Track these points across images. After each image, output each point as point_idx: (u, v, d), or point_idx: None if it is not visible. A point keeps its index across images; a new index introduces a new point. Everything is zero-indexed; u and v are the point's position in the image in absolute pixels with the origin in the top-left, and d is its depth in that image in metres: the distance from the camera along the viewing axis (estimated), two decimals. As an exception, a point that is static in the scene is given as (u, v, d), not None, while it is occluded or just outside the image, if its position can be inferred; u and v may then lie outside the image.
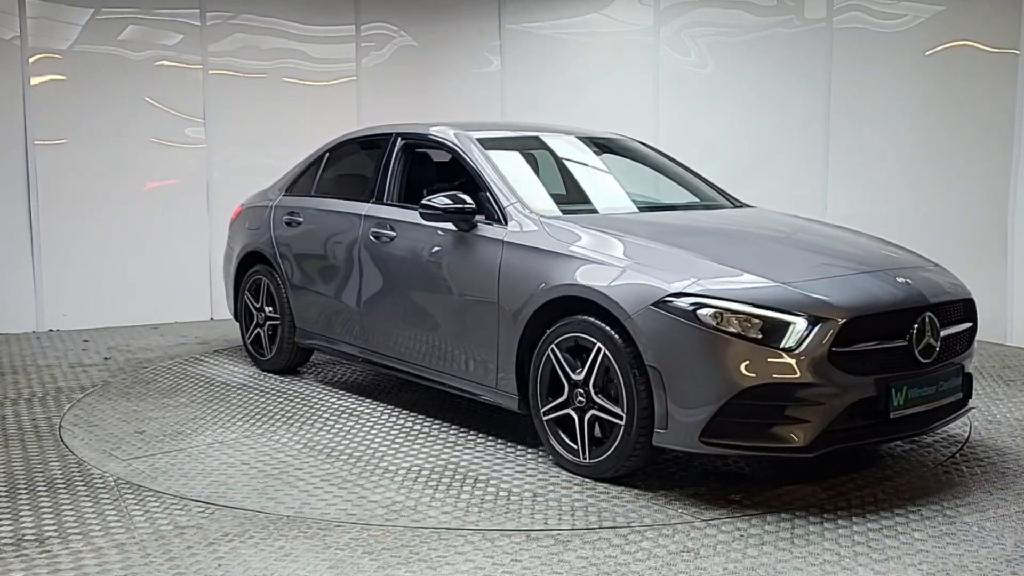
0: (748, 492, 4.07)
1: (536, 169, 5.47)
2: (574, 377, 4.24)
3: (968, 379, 4.38)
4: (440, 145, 5.43)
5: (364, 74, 9.22)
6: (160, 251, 8.43)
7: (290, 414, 5.43)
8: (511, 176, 5.00)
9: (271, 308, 6.33)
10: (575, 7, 9.03)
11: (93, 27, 8.17)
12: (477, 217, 4.84)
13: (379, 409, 5.50)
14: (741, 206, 5.58)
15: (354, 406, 5.58)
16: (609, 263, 4.21)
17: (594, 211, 5.06)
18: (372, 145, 5.95)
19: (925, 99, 7.53)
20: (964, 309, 4.41)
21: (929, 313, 4.07)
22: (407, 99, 9.19)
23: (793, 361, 3.76)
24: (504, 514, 3.85)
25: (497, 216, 4.79)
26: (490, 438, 4.89)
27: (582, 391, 4.21)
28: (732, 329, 3.80)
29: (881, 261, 4.47)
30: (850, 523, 3.73)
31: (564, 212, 4.85)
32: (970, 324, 4.42)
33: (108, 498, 4.04)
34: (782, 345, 3.78)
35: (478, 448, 4.74)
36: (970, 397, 4.43)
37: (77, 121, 8.12)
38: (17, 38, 7.88)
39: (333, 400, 5.72)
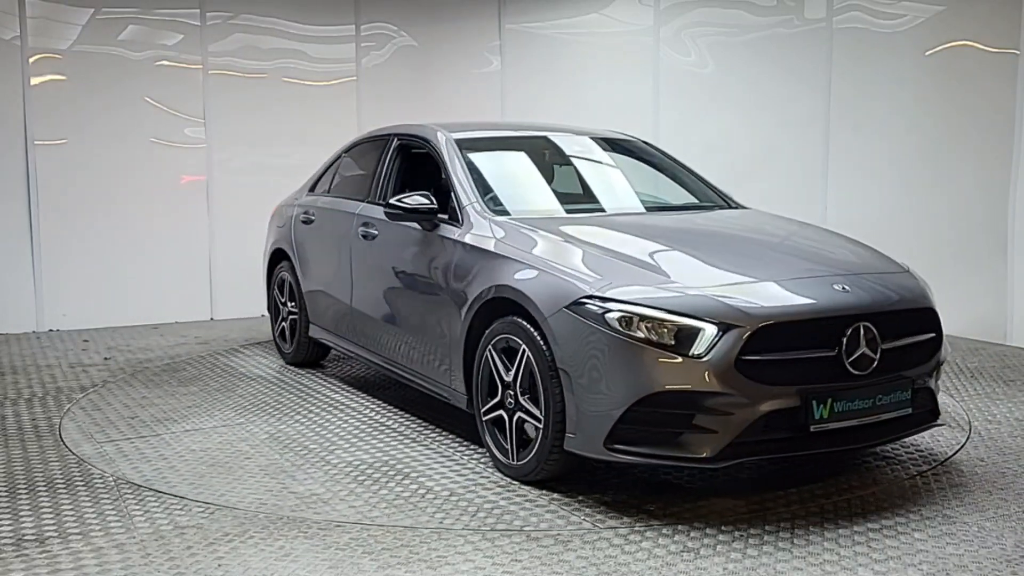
0: (668, 502, 3.94)
1: (523, 170, 5.48)
2: (505, 378, 4.24)
3: (927, 394, 4.15)
4: (424, 145, 5.46)
5: (364, 74, 9.22)
6: (160, 251, 8.43)
7: (280, 405, 5.58)
8: (481, 177, 5.03)
9: (292, 303, 6.56)
10: (575, 7, 9.03)
11: (93, 27, 8.17)
12: (440, 217, 4.89)
13: (366, 404, 5.59)
14: (735, 207, 5.49)
15: (344, 400, 5.67)
16: (538, 265, 4.19)
17: (561, 212, 4.97)
18: (376, 146, 6.03)
19: (925, 99, 7.53)
20: (921, 320, 4.17)
21: (865, 323, 3.86)
22: (407, 99, 9.19)
23: (701, 369, 3.64)
24: (407, 511, 3.89)
25: (457, 216, 4.83)
26: (450, 436, 4.92)
27: (511, 392, 4.22)
28: (640, 334, 3.72)
29: (831, 266, 4.27)
30: (850, 523, 3.73)
31: (526, 213, 4.82)
32: (930, 335, 4.17)
33: (108, 498, 4.04)
34: (691, 352, 3.67)
35: (432, 445, 4.79)
36: (936, 413, 4.23)
37: (77, 121, 8.13)
38: (17, 38, 7.88)
39: (329, 394, 5.83)
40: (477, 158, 5.21)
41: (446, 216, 4.87)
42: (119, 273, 8.30)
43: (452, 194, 4.93)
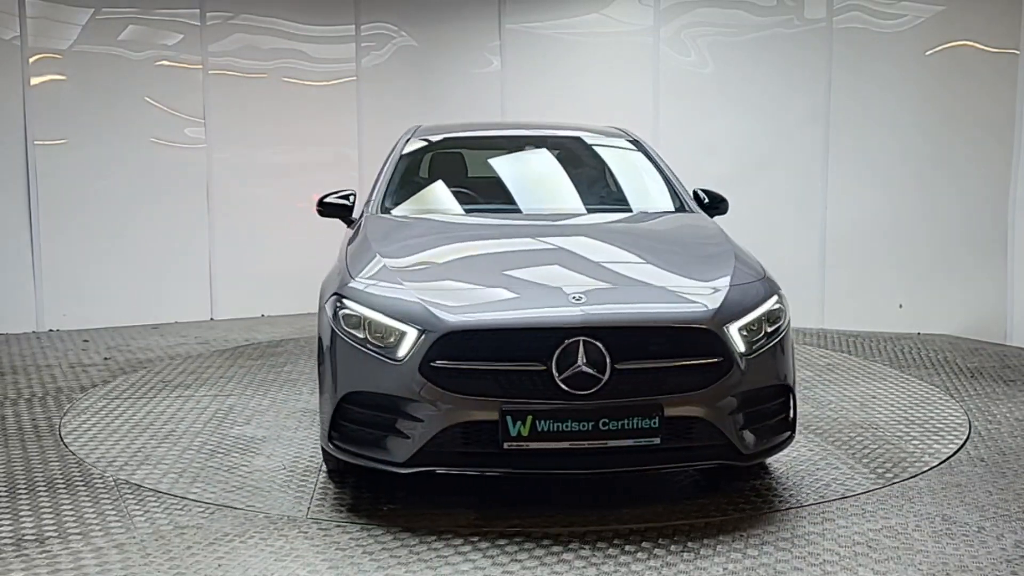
0: (407, 503, 3.93)
1: (465, 171, 5.62)
2: None
3: (705, 427, 3.65)
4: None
5: (364, 74, 9.21)
6: (160, 251, 8.42)
7: (282, 384, 6.10)
8: (399, 177, 5.18)
9: None
10: (575, 7, 9.02)
11: (93, 27, 8.16)
12: (355, 215, 5.08)
13: None
14: (688, 211, 5.05)
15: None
16: (340, 263, 4.28)
17: (438, 213, 5.04)
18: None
19: (925, 99, 7.53)
20: (696, 341, 3.71)
21: (585, 337, 3.54)
22: (407, 99, 9.18)
23: (398, 373, 3.62)
24: (203, 483, 4.22)
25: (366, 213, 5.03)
26: None
27: None
28: (359, 334, 3.76)
29: (614, 277, 4.04)
30: (849, 523, 3.74)
31: (414, 213, 4.97)
32: (713, 360, 3.68)
33: (108, 498, 4.04)
34: (396, 356, 3.64)
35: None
36: (735, 451, 3.70)
37: (77, 121, 8.11)
38: (17, 38, 7.87)
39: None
40: (427, 158, 5.43)
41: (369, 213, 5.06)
42: (119, 273, 8.29)
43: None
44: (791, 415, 3.97)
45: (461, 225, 4.87)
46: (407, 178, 5.30)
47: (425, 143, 5.60)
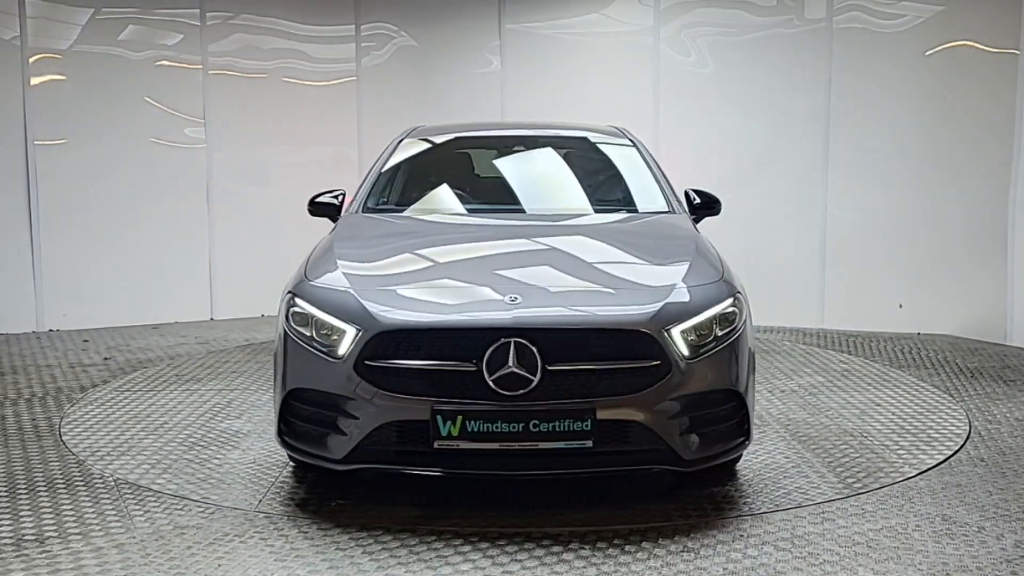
0: (356, 499, 3.99)
1: (459, 171, 5.60)
2: None
3: (642, 431, 3.60)
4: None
5: (364, 74, 9.21)
6: (160, 251, 8.42)
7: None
8: (385, 178, 5.24)
9: None
10: (575, 7, 9.02)
11: (93, 27, 8.16)
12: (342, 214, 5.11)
13: None
14: (671, 212, 4.97)
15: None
16: (308, 261, 4.30)
17: (405, 210, 5.09)
18: None
19: (925, 99, 7.53)
20: (631, 344, 3.64)
21: (517, 339, 3.53)
22: (407, 99, 9.18)
23: (337, 371, 3.67)
24: (171, 474, 4.33)
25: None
26: None
27: None
28: (306, 332, 3.82)
29: (573, 277, 4.01)
30: (849, 523, 3.74)
31: (389, 214, 5.00)
32: (651, 363, 3.62)
33: (108, 498, 4.04)
34: (338, 354, 3.69)
35: None
36: (676, 457, 3.66)
37: (77, 121, 8.12)
38: (17, 38, 7.88)
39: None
40: (418, 159, 5.47)
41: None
42: (119, 273, 8.29)
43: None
44: (745, 421, 3.90)
45: (432, 224, 4.88)
46: (394, 179, 5.31)
47: (415, 143, 5.61)
